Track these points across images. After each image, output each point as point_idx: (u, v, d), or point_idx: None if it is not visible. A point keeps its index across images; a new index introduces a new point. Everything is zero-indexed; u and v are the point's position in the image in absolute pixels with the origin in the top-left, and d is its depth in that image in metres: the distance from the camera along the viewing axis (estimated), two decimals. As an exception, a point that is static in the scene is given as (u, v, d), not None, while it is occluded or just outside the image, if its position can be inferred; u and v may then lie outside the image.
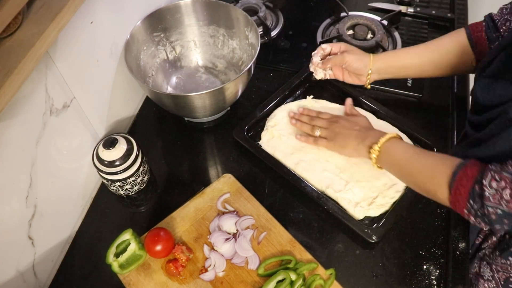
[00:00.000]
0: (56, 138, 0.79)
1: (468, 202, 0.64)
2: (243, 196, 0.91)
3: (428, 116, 1.04)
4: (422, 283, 0.80)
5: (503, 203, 0.60)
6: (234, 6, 1.03)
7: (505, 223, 0.62)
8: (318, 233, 0.87)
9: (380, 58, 0.94)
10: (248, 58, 1.06)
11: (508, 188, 0.59)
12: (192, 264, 0.82)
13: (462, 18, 1.25)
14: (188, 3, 1.05)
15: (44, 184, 0.78)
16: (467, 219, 0.68)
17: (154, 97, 0.95)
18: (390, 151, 0.79)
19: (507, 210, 0.60)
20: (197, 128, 1.06)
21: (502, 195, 0.60)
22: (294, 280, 0.77)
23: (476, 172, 0.65)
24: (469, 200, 0.64)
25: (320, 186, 0.90)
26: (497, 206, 0.61)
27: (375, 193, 0.89)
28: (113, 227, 0.90)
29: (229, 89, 0.92)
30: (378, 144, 0.79)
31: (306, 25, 1.27)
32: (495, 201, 0.61)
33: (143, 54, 1.04)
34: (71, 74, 0.80)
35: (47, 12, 0.64)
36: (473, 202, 0.63)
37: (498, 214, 0.61)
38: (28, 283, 0.79)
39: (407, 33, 1.23)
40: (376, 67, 0.93)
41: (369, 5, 1.30)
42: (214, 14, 1.07)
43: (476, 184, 0.63)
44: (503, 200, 0.60)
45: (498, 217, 0.61)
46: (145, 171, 0.92)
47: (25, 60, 0.59)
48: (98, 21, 0.84)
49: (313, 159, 0.94)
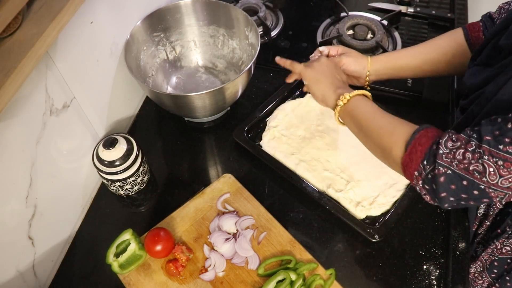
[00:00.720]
0: (56, 138, 0.79)
1: (422, 163, 0.63)
2: (243, 196, 0.91)
3: (428, 116, 1.04)
4: (422, 283, 0.80)
5: (454, 164, 0.60)
6: (234, 6, 1.03)
7: (452, 190, 0.61)
8: (318, 233, 0.87)
9: (378, 59, 0.94)
10: (248, 58, 1.06)
11: (462, 148, 0.59)
12: (192, 264, 0.82)
13: (462, 18, 1.25)
14: (188, 3, 1.05)
15: (44, 184, 0.78)
16: (414, 185, 0.68)
17: (154, 97, 0.95)
18: (358, 103, 0.79)
19: (457, 170, 0.60)
20: (197, 128, 1.06)
21: (455, 154, 0.60)
22: (294, 280, 0.77)
23: (436, 133, 0.65)
24: (423, 161, 0.63)
25: (321, 186, 0.90)
26: (448, 166, 0.60)
27: (376, 192, 0.89)
28: (113, 227, 0.90)
29: (229, 89, 0.92)
30: (349, 94, 0.79)
31: (306, 25, 1.27)
32: (447, 161, 0.60)
33: (143, 54, 1.04)
34: (71, 74, 0.80)
35: (47, 12, 0.64)
36: (426, 163, 0.63)
37: (447, 175, 0.60)
38: (28, 283, 0.79)
39: (407, 33, 1.23)
40: (374, 68, 0.93)
41: (369, 5, 1.30)
42: (214, 14, 1.07)
43: (433, 144, 0.63)
44: (455, 160, 0.60)
45: (446, 179, 0.61)
46: (145, 171, 0.92)
47: (25, 60, 0.59)
48: (98, 21, 0.84)
49: (313, 159, 0.94)
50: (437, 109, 1.05)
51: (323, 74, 0.88)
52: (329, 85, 0.85)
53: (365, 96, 0.80)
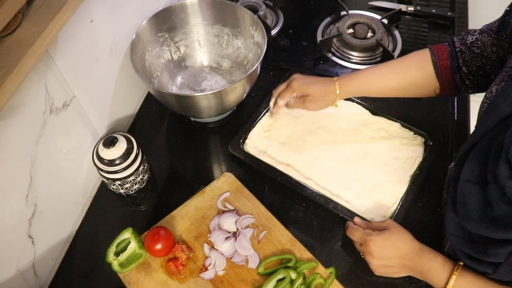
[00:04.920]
0: (56, 137, 0.79)
1: None
2: (243, 195, 0.91)
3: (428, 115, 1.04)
4: (422, 282, 0.80)
5: None
6: (239, 5, 1.03)
7: None
8: (318, 232, 0.87)
9: (345, 84, 0.88)
10: (254, 57, 1.06)
11: None
12: (192, 263, 0.82)
13: (463, 16, 1.25)
14: (193, 3, 1.05)
15: (44, 183, 0.78)
16: None
17: (160, 97, 0.94)
18: None
19: None
20: (197, 126, 1.06)
21: None
22: (294, 278, 0.77)
23: None
24: None
25: (323, 185, 0.90)
26: None
27: (378, 191, 0.89)
28: (113, 225, 0.90)
29: (236, 89, 0.91)
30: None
31: (306, 23, 1.27)
32: None
33: (148, 55, 1.04)
34: (71, 73, 0.80)
35: (46, 11, 0.64)
36: None
37: None
38: (28, 281, 0.79)
39: (407, 31, 1.23)
40: (342, 92, 0.88)
41: (369, 3, 1.30)
42: (218, 13, 1.06)
43: None
44: None
45: None
46: (145, 170, 0.92)
47: (25, 59, 0.59)
48: (98, 20, 0.84)
49: (315, 157, 0.94)
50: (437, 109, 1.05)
51: (386, 267, 0.77)
52: (401, 268, 0.76)
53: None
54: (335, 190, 0.90)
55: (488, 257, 0.64)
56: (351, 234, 0.80)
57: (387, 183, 0.90)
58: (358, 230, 0.79)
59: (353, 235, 0.80)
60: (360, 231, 0.79)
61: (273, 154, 0.96)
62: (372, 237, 0.76)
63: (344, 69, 1.14)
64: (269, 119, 1.00)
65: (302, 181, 0.90)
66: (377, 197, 0.88)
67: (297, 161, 0.94)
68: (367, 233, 0.77)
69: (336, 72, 1.13)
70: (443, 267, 0.72)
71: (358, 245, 0.80)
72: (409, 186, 0.89)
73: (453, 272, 0.70)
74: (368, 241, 0.76)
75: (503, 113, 0.62)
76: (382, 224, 0.79)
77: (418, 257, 0.74)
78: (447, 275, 0.71)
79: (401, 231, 0.77)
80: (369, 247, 0.75)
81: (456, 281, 0.70)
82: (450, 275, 0.70)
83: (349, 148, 0.96)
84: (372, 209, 0.87)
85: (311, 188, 0.89)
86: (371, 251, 0.75)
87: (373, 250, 0.75)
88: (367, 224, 0.81)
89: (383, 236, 0.76)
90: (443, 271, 0.71)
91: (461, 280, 0.70)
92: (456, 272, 0.70)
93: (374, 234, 0.76)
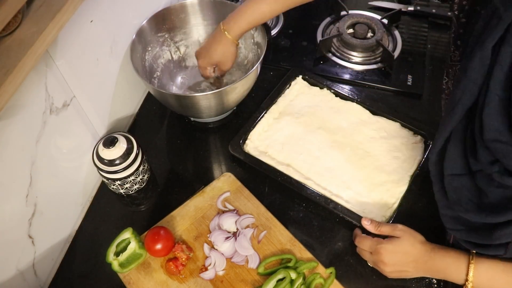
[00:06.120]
0: (56, 137, 0.79)
1: None
2: (243, 195, 0.91)
3: (428, 115, 1.04)
4: (422, 282, 0.80)
5: None
6: None
7: None
8: (318, 232, 0.87)
9: (235, 30, 0.91)
10: (254, 57, 1.06)
11: None
12: (192, 263, 0.82)
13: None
14: (193, 3, 1.05)
15: (44, 183, 0.78)
16: None
17: (160, 97, 0.94)
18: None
19: None
20: (197, 127, 1.06)
21: None
22: (294, 278, 0.77)
23: None
24: None
25: (323, 185, 0.90)
26: None
27: (378, 191, 0.89)
28: (113, 226, 0.90)
29: (236, 89, 0.91)
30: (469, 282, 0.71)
31: (306, 23, 1.27)
32: None
33: (148, 55, 1.04)
34: (71, 73, 0.80)
35: (47, 11, 0.64)
36: None
37: None
38: (29, 281, 0.79)
39: (407, 31, 1.23)
40: (236, 38, 0.92)
41: (369, 3, 1.30)
42: (219, 13, 1.06)
43: None
44: None
45: None
46: (145, 170, 0.92)
47: (25, 59, 0.59)
48: (98, 20, 0.84)
49: (315, 157, 0.94)
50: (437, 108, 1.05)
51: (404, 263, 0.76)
52: (416, 271, 0.76)
53: None
54: (335, 190, 0.90)
55: (495, 240, 0.64)
56: (360, 243, 0.80)
57: (387, 183, 0.90)
58: (367, 238, 0.79)
59: (362, 244, 0.79)
60: (370, 240, 0.78)
61: (273, 155, 0.96)
62: (383, 245, 0.75)
63: (344, 69, 1.14)
64: (269, 119, 1.01)
65: (302, 181, 0.90)
66: (377, 197, 0.88)
67: (297, 161, 0.94)
68: (377, 241, 0.77)
69: (336, 72, 1.13)
70: (458, 260, 0.72)
71: (367, 254, 0.79)
72: (409, 186, 0.89)
73: (470, 262, 0.70)
74: (379, 249, 0.76)
75: (465, 106, 0.62)
76: (394, 231, 0.78)
77: (432, 258, 0.74)
78: (464, 267, 0.70)
79: (412, 236, 0.76)
80: (381, 255, 0.75)
81: (475, 270, 0.70)
82: (468, 266, 0.70)
83: (349, 148, 0.96)
84: (372, 209, 0.87)
85: (311, 188, 0.89)
86: (383, 259, 0.75)
87: (385, 258, 0.75)
88: (377, 224, 0.80)
89: (394, 243, 0.75)
90: (459, 264, 0.71)
91: (479, 268, 0.70)
92: (472, 261, 0.70)
93: (385, 242, 0.76)
